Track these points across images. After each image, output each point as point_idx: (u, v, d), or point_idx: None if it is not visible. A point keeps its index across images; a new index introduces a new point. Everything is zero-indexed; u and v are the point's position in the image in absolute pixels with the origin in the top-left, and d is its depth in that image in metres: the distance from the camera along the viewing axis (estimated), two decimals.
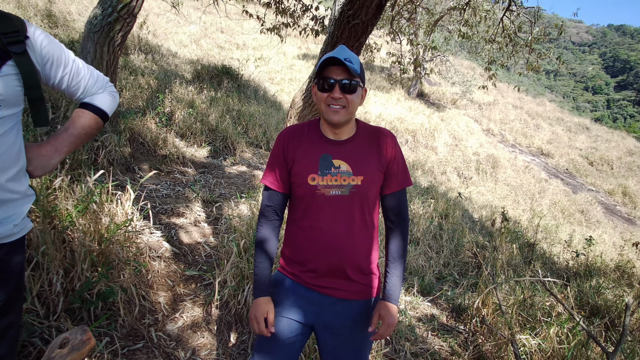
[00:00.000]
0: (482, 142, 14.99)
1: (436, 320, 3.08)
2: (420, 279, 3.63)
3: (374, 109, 14.26)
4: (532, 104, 26.01)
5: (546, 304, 3.07)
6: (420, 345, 2.64)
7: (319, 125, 1.47)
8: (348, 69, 1.33)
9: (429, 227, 4.72)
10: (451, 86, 20.85)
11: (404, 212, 1.52)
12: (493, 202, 10.33)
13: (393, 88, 18.48)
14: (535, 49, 7.23)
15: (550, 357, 2.48)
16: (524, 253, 5.23)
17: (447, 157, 12.38)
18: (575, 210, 12.21)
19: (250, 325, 1.54)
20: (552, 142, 19.04)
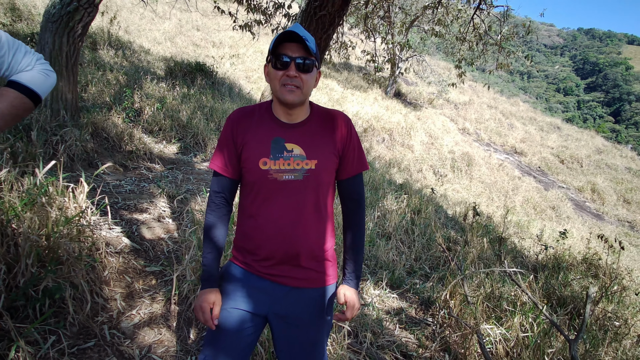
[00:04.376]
0: (458, 141, 15.22)
1: (404, 313, 3.06)
2: (390, 273, 3.62)
3: (351, 108, 14.28)
4: (507, 104, 26.61)
5: (512, 294, 3.09)
6: (387, 337, 2.61)
7: (271, 108, 1.41)
8: (304, 47, 1.28)
9: (401, 222, 4.72)
10: (427, 86, 21.11)
11: (360, 197, 1.48)
12: (468, 199, 10.46)
13: (370, 87, 18.57)
14: (504, 48, 7.36)
15: (514, 345, 2.49)
16: (495, 247, 5.29)
17: (423, 155, 12.50)
18: (546, 207, 12.52)
19: (195, 316, 1.47)
20: (525, 141, 19.50)
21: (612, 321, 3.80)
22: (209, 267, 1.40)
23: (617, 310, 4.28)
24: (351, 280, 1.44)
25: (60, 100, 4.10)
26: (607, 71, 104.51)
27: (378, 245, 4.01)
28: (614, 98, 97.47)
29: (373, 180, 6.08)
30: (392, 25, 8.89)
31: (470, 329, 2.51)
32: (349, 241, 1.47)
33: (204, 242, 1.43)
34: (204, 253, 1.41)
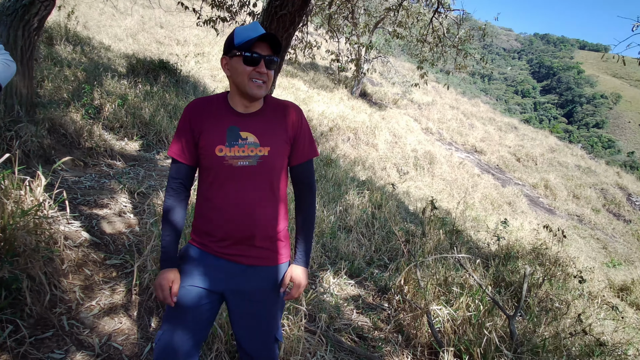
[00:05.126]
0: (421, 140, 15.68)
1: (362, 299, 3.22)
2: (350, 264, 3.77)
3: (317, 107, 14.43)
4: (468, 105, 27.61)
5: (461, 279, 3.31)
6: (344, 321, 2.75)
7: (227, 98, 1.51)
8: (272, 47, 1.42)
9: (361, 216, 4.89)
10: (392, 87, 21.59)
11: (311, 182, 1.60)
12: (430, 195, 10.84)
13: (337, 87, 18.80)
14: (462, 50, 7.70)
15: (461, 323, 2.69)
16: (452, 239, 5.57)
17: (387, 153, 12.82)
18: (503, 202, 13.13)
19: (155, 294, 1.55)
20: (484, 140, 20.32)
21: (554, 303, 4.11)
22: (168, 249, 1.48)
23: (560, 293, 4.62)
24: (300, 259, 1.56)
25: (14, 96, 3.99)
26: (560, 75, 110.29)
27: (339, 237, 4.16)
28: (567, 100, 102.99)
29: (336, 177, 6.24)
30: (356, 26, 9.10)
31: (420, 310, 2.69)
32: (300, 223, 1.59)
33: (162, 225, 1.51)
34: (162, 235, 1.49)
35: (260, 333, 1.57)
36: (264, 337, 1.57)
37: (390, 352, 2.62)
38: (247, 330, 1.55)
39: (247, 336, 1.56)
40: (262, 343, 1.57)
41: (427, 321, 2.65)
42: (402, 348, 2.68)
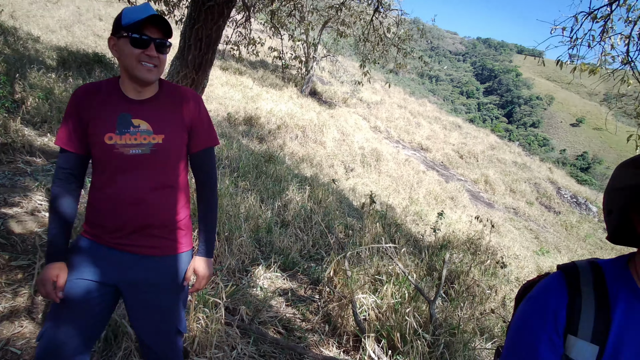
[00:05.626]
0: (369, 138, 16.00)
1: (293, 292, 3.22)
2: (284, 258, 3.76)
3: (265, 105, 14.32)
4: (415, 105, 28.55)
5: (389, 268, 3.40)
6: (270, 314, 2.74)
7: (118, 84, 1.44)
8: (163, 30, 1.36)
9: (300, 211, 4.90)
10: (341, 85, 21.85)
11: (211, 171, 1.57)
12: (376, 191, 11.09)
13: (286, 86, 18.75)
14: (402, 49, 7.93)
15: (385, 310, 2.77)
16: (391, 232, 5.72)
17: (334, 151, 12.96)
18: (446, 197, 13.69)
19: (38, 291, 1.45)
20: (430, 138, 21.10)
21: (481, 288, 4.34)
22: (53, 242, 1.39)
23: (488, 279, 4.87)
24: (202, 250, 1.53)
25: None
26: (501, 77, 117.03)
27: (275, 232, 4.14)
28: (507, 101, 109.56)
29: (277, 173, 6.21)
30: (300, 23, 9.11)
31: (345, 300, 2.74)
32: (201, 213, 1.55)
33: (49, 217, 1.42)
34: (49, 228, 1.40)
35: (162, 325, 1.52)
36: (165, 329, 1.52)
37: (316, 341, 2.65)
38: (147, 323, 1.49)
39: (146, 329, 1.50)
40: (163, 335, 1.52)
41: (352, 309, 2.70)
42: (328, 337, 2.71)
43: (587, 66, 5.26)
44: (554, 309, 0.82)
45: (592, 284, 0.81)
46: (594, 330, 0.78)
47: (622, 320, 0.77)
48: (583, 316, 0.79)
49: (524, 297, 0.98)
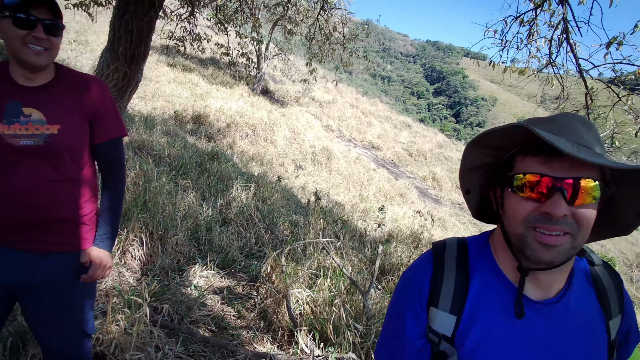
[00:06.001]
0: (320, 136, 16.10)
1: (230, 290, 3.17)
2: (223, 255, 3.69)
3: (214, 103, 14.03)
4: (367, 104, 29.08)
5: (327, 262, 3.43)
6: (203, 312, 2.67)
7: (7, 69, 1.33)
8: (52, 10, 1.26)
9: (242, 209, 4.84)
10: (293, 84, 21.84)
11: (116, 162, 1.49)
12: (327, 189, 11.18)
13: (237, 84, 18.46)
14: (347, 48, 8.04)
15: (321, 304, 2.79)
16: (336, 228, 5.78)
17: (285, 149, 12.93)
18: (395, 194, 14.07)
19: None
20: (381, 137, 21.58)
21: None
22: None
23: None
24: (101, 242, 1.44)
25: None
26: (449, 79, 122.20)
27: (215, 230, 4.05)
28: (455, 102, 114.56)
29: (222, 171, 6.09)
30: (246, 19, 8.98)
31: (280, 295, 2.73)
32: (104, 205, 1.48)
33: None
34: None
35: (66, 327, 1.43)
36: (69, 331, 1.44)
37: (250, 338, 2.62)
38: (47, 325, 1.40)
39: (48, 333, 1.41)
40: (67, 338, 1.44)
41: (286, 304, 2.70)
42: (263, 333, 2.69)
43: (517, 68, 5.59)
44: (418, 283, 0.86)
45: (455, 258, 0.85)
46: (453, 301, 0.81)
47: (477, 290, 0.82)
48: (444, 289, 0.82)
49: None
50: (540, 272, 0.77)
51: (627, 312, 0.88)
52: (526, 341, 0.78)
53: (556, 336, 0.78)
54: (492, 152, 0.82)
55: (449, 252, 0.87)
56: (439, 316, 0.82)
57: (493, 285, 0.82)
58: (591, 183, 0.70)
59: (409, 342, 0.85)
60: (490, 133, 0.77)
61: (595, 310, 0.83)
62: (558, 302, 0.80)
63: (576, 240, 0.71)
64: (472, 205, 0.93)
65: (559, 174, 0.70)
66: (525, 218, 0.73)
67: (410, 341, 0.85)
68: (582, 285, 0.84)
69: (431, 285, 0.84)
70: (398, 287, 0.92)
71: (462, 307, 0.81)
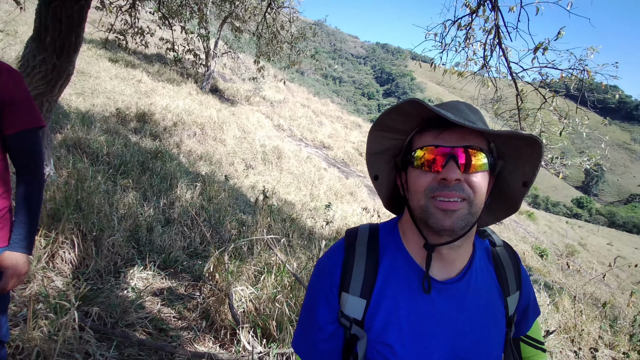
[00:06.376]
0: (271, 136, 16.00)
1: (172, 291, 3.07)
2: (165, 256, 3.57)
3: (160, 101, 13.52)
4: (318, 104, 29.27)
5: (271, 259, 3.42)
6: (140, 315, 2.57)
7: None
8: None
9: (186, 208, 4.70)
10: (244, 83, 21.56)
11: (32, 155, 1.40)
12: (277, 189, 11.12)
13: (185, 81, 17.91)
14: (295, 47, 8.04)
15: (264, 300, 2.77)
16: (285, 227, 5.77)
17: (235, 149, 12.71)
18: (346, 193, 14.27)
19: None
20: (332, 137, 21.81)
21: None
22: None
23: None
24: (17, 244, 1.34)
25: None
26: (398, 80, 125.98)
27: (157, 231, 3.91)
28: None
29: (167, 170, 5.88)
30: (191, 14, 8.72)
31: (222, 293, 2.68)
32: (18, 202, 1.37)
33: None
34: None
35: None
36: None
37: (191, 338, 2.55)
38: None
39: None
40: None
41: (228, 302, 2.66)
42: (205, 333, 2.63)
43: (456, 70, 5.86)
44: (330, 269, 0.88)
45: (366, 244, 0.89)
46: (363, 285, 0.84)
47: (385, 273, 0.86)
48: (354, 274, 0.85)
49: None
50: (444, 247, 0.82)
51: (525, 289, 0.95)
52: (431, 319, 0.82)
53: (458, 313, 0.84)
54: (393, 136, 0.86)
55: (360, 238, 0.90)
56: (349, 301, 0.84)
57: (400, 266, 0.86)
58: (479, 152, 0.76)
59: (321, 327, 0.87)
60: (388, 112, 0.81)
61: (494, 287, 0.90)
62: (460, 280, 0.85)
63: (472, 207, 0.77)
64: (382, 192, 0.97)
65: (450, 143, 0.76)
66: (426, 189, 0.78)
67: (323, 326, 0.87)
68: (482, 264, 0.91)
69: (342, 271, 0.87)
70: (312, 274, 0.95)
71: (372, 290, 0.84)
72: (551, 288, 8.58)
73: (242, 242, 3.62)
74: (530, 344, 1.02)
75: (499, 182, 0.88)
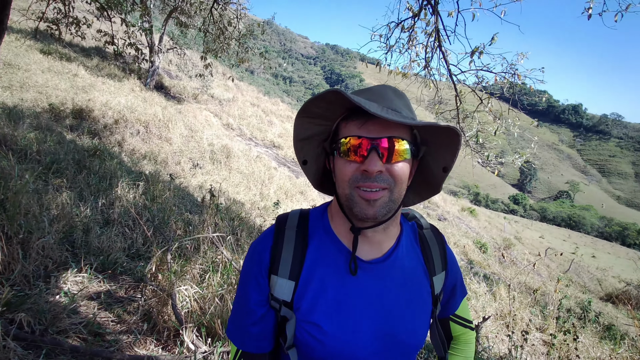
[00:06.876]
0: (219, 135, 15.66)
1: (110, 294, 2.92)
2: (104, 258, 3.39)
3: (100, 97, 12.79)
4: (268, 103, 29.02)
5: (218, 257, 3.36)
6: (73, 320, 2.42)
7: None
8: None
9: (129, 208, 4.49)
10: (191, 80, 20.94)
11: None
12: (227, 188, 10.90)
13: (127, 77, 17.07)
14: (243, 44, 7.93)
15: (210, 299, 2.71)
16: (234, 225, 5.67)
17: (182, 148, 12.31)
18: (296, 192, 14.28)
19: None
20: (282, 136, 21.72)
21: None
22: None
23: None
24: None
25: None
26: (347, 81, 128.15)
27: (94, 232, 3.70)
28: None
29: (106, 169, 5.58)
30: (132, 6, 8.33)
31: (164, 294, 2.59)
32: None
33: None
34: None
35: None
36: None
37: (131, 342, 2.44)
38: None
39: None
40: None
41: (171, 303, 2.57)
42: (146, 336, 2.53)
43: (400, 71, 6.05)
44: (260, 253, 0.90)
45: (295, 227, 0.91)
46: (291, 268, 0.86)
47: (314, 255, 0.88)
48: (283, 256, 0.87)
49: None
50: (369, 230, 0.85)
51: (451, 269, 1.01)
52: (357, 296, 0.85)
53: (384, 290, 0.87)
54: (321, 122, 0.88)
55: (290, 222, 0.92)
56: (279, 283, 0.86)
57: (328, 248, 0.89)
58: (401, 141, 0.79)
59: (252, 310, 0.88)
60: (313, 100, 0.83)
61: (420, 267, 0.95)
62: (385, 260, 0.89)
63: (393, 194, 0.80)
64: (311, 176, 0.99)
65: (373, 134, 0.79)
66: (351, 178, 0.80)
67: (254, 310, 0.88)
68: (409, 245, 0.95)
69: (271, 254, 0.88)
70: (245, 258, 0.95)
71: (300, 272, 0.86)
72: (490, 279, 9.11)
73: (186, 241, 3.51)
74: (459, 323, 1.09)
75: (423, 165, 0.92)
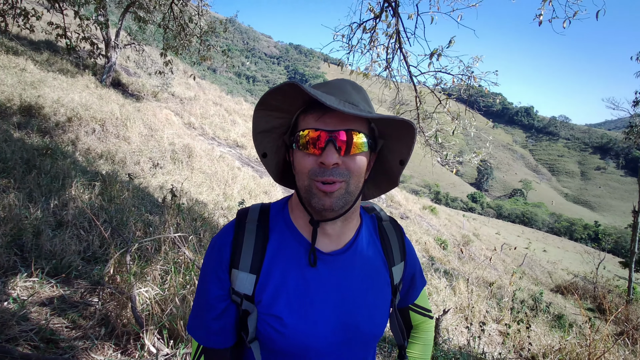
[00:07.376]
0: (180, 134, 15.28)
1: (64, 299, 2.79)
2: (57, 262, 3.23)
3: (51, 93, 12.16)
4: (231, 103, 28.57)
5: (180, 258, 3.28)
6: (25, 327, 2.29)
7: None
8: None
9: (84, 210, 4.30)
10: (150, 78, 20.29)
11: None
12: (189, 189, 10.65)
13: (81, 73, 16.31)
14: (205, 41, 7.77)
15: (171, 300, 2.64)
16: (196, 226, 5.56)
17: (141, 147, 11.90)
18: (260, 192, 14.17)
19: None
20: (245, 136, 21.44)
21: None
22: None
23: None
24: None
25: None
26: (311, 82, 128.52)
27: (45, 235, 3.51)
28: None
29: (57, 169, 5.30)
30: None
31: (123, 296, 2.50)
32: None
33: None
34: None
35: None
36: None
37: (87, 348, 2.34)
38: None
39: None
40: None
41: (131, 305, 2.49)
42: (104, 341, 2.43)
43: (362, 71, 6.14)
44: (220, 247, 0.90)
45: (256, 221, 0.91)
46: (252, 261, 0.87)
47: (274, 248, 0.89)
48: (244, 250, 0.88)
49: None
50: (327, 223, 0.87)
51: (409, 260, 1.04)
52: (317, 288, 0.87)
53: (344, 282, 0.89)
54: (279, 115, 0.89)
55: (251, 216, 0.92)
56: (240, 277, 0.86)
57: (288, 241, 0.90)
58: (359, 134, 0.81)
59: (212, 305, 0.88)
60: (270, 93, 0.83)
61: (379, 258, 0.97)
62: (345, 252, 0.91)
63: (350, 186, 0.82)
64: (271, 168, 1.00)
65: (331, 127, 0.80)
66: (309, 171, 0.82)
67: (214, 305, 0.88)
68: (369, 237, 0.98)
69: (232, 249, 0.88)
70: (205, 254, 0.94)
71: (261, 265, 0.87)
72: (450, 274, 9.43)
73: (147, 242, 3.41)
74: (419, 312, 1.13)
75: (381, 158, 0.95)
